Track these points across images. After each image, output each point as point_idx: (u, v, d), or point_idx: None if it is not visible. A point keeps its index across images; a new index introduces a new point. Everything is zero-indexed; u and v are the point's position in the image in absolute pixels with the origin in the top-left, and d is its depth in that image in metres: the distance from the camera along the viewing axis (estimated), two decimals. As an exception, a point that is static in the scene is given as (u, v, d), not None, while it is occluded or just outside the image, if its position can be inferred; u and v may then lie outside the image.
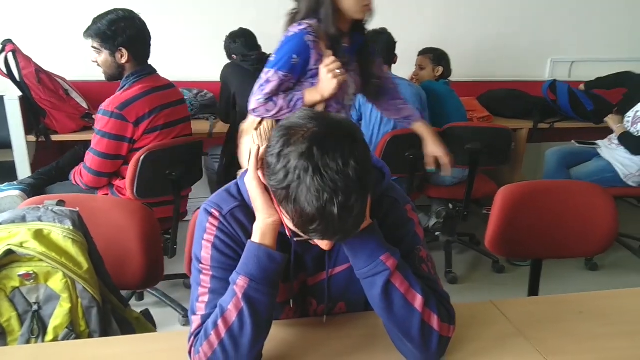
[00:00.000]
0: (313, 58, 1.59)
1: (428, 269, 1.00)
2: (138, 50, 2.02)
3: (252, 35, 2.87)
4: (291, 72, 1.59)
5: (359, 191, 0.79)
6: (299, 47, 1.58)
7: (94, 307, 1.11)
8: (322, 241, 0.87)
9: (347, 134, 0.81)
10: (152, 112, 2.02)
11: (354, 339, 1.04)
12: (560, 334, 1.08)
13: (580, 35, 3.75)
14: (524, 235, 1.61)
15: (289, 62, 1.58)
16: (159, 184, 2.11)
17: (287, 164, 0.79)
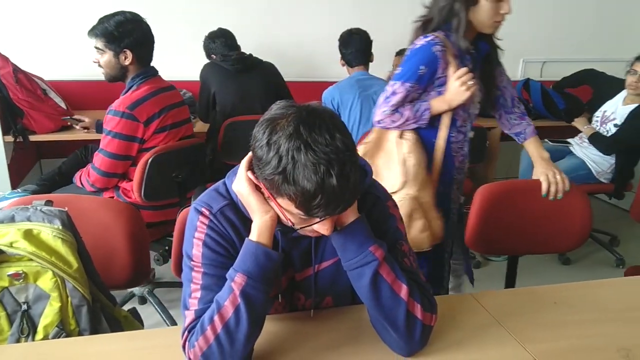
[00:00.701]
0: (441, 67, 1.59)
1: (410, 262, 1.04)
2: (142, 52, 2.03)
3: (232, 36, 2.89)
4: (418, 83, 1.59)
5: (351, 159, 0.83)
6: (426, 58, 1.58)
7: (84, 306, 1.13)
8: (323, 225, 0.90)
9: (324, 112, 0.86)
10: (162, 112, 2.04)
11: (340, 331, 1.08)
12: (536, 323, 1.13)
13: (551, 36, 3.87)
14: (501, 232, 1.66)
15: (416, 73, 1.58)
16: (165, 186, 2.12)
17: (278, 149, 0.82)
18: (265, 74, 2.76)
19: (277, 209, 0.91)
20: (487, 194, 1.64)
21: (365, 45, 2.73)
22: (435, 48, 1.56)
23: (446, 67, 1.58)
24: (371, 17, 3.41)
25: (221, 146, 2.54)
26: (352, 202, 0.89)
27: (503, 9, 1.58)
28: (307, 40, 3.44)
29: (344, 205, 0.86)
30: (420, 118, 1.59)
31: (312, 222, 0.90)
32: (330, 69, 3.30)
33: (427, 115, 1.59)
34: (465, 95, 1.55)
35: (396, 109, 1.60)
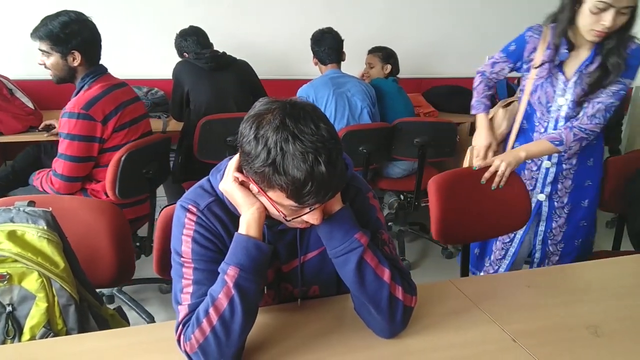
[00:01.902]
0: (526, 51, 1.79)
1: (390, 249, 1.09)
2: (91, 52, 1.99)
3: (204, 34, 2.87)
4: (507, 56, 1.87)
5: (336, 147, 0.88)
6: (518, 38, 1.83)
7: (72, 305, 1.12)
8: (313, 215, 0.93)
9: (307, 104, 0.90)
10: (118, 109, 2.01)
11: (327, 320, 1.12)
12: (512, 305, 1.20)
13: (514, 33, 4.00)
14: (460, 221, 1.67)
15: (507, 47, 1.87)
16: (137, 182, 2.10)
17: (266, 142, 0.85)
18: (239, 72, 2.76)
19: (267, 203, 0.94)
20: (440, 185, 1.63)
21: (337, 43, 2.78)
22: (528, 33, 1.80)
23: (533, 51, 1.77)
24: (341, 17, 3.46)
25: (197, 145, 2.53)
26: (339, 188, 0.93)
27: (604, 20, 1.55)
28: (278, 38, 3.46)
29: (333, 192, 0.90)
30: (474, 107, 1.97)
31: (303, 212, 0.93)
32: (303, 67, 3.32)
33: (474, 112, 1.97)
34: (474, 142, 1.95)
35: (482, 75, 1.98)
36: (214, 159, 2.55)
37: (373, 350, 1.03)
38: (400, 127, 2.75)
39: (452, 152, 2.92)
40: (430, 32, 3.81)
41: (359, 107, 2.69)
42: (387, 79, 3.05)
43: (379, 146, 2.70)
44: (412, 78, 3.71)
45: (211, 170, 1.11)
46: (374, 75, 3.10)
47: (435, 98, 3.54)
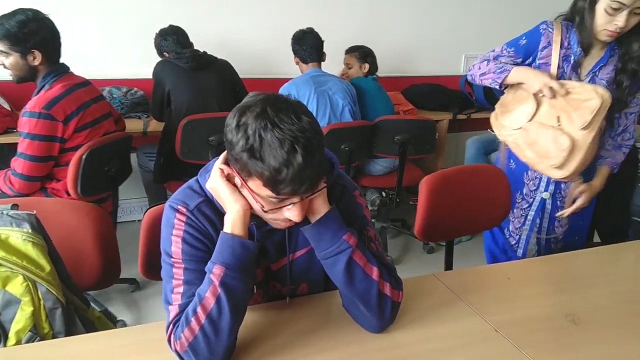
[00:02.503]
0: (541, 44, 1.70)
1: (376, 246, 1.11)
2: (51, 51, 1.97)
3: (184, 33, 2.85)
4: (515, 51, 1.74)
5: (316, 137, 0.88)
6: (531, 32, 1.73)
7: (58, 308, 1.11)
8: (293, 211, 0.93)
9: (292, 99, 0.92)
10: (80, 109, 1.99)
11: (315, 317, 1.13)
12: (493, 297, 1.24)
13: (490, 32, 4.08)
14: (445, 218, 1.71)
15: (517, 41, 1.75)
16: (99, 180, 2.10)
17: (246, 129, 0.87)
18: (221, 72, 2.75)
19: (249, 195, 0.95)
20: (432, 184, 1.67)
21: (318, 43, 2.79)
22: (542, 26, 1.71)
23: (547, 48, 1.69)
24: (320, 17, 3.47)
25: (179, 145, 2.51)
26: (316, 181, 0.92)
27: (617, 20, 1.55)
28: (258, 38, 3.45)
29: (309, 183, 0.89)
30: (497, 75, 1.72)
31: (283, 205, 0.93)
32: (284, 67, 3.33)
33: (504, 75, 1.70)
34: (538, 85, 1.64)
35: (486, 60, 1.78)
36: (196, 159, 2.55)
37: (362, 344, 1.05)
38: (381, 125, 2.78)
39: (432, 148, 2.96)
40: (408, 32, 3.85)
41: (341, 106, 2.71)
42: (366, 77, 3.08)
43: (360, 144, 2.72)
44: (391, 77, 3.75)
45: (199, 170, 1.11)
46: (352, 75, 3.12)
47: (414, 96, 3.59)
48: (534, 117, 1.70)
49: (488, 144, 3.26)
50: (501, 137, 1.84)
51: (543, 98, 1.67)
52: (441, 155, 3.49)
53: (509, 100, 1.81)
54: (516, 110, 1.75)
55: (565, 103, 1.63)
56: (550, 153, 1.64)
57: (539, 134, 1.68)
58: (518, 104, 1.75)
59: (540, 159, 1.69)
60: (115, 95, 3.00)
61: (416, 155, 2.96)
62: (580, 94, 1.61)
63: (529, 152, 1.71)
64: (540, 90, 1.64)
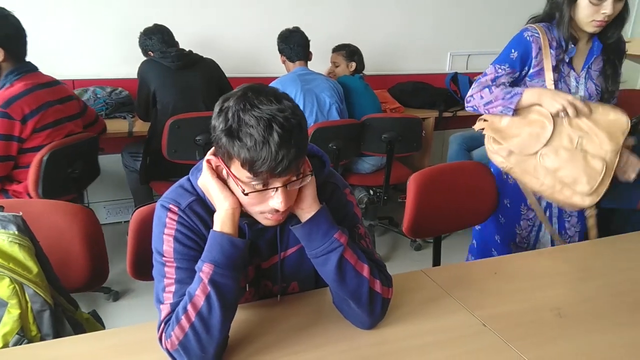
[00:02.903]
0: (533, 51, 1.62)
1: (366, 243, 1.12)
2: (15, 48, 1.95)
3: (169, 32, 2.84)
4: (510, 66, 1.64)
5: (295, 118, 0.88)
6: (517, 42, 1.64)
7: (46, 310, 1.10)
8: (277, 199, 0.92)
9: (275, 88, 0.93)
10: (40, 109, 1.97)
11: (306, 314, 1.14)
12: (480, 292, 1.26)
13: (475, 30, 4.13)
14: (433, 215, 1.74)
15: (507, 56, 1.65)
16: (62, 182, 2.08)
17: (227, 112, 0.88)
18: (207, 71, 2.74)
19: (233, 184, 0.95)
20: (420, 181, 1.69)
21: (305, 41, 2.80)
22: (526, 33, 1.63)
23: (539, 53, 1.62)
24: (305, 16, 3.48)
25: (166, 145, 2.50)
26: (294, 163, 0.89)
27: (604, 8, 1.53)
28: (244, 37, 3.45)
29: (287, 162, 0.87)
30: (508, 101, 1.59)
31: (265, 189, 0.92)
32: (269, 66, 3.33)
33: (516, 100, 1.58)
34: (559, 104, 1.53)
35: (487, 86, 1.63)
36: (184, 159, 2.54)
37: (352, 340, 1.06)
38: (368, 123, 2.79)
39: (418, 146, 2.99)
40: (393, 30, 3.88)
41: (328, 104, 2.72)
42: (353, 76, 3.09)
43: (348, 142, 2.74)
44: (378, 75, 3.77)
45: (186, 170, 1.11)
46: (339, 73, 3.13)
47: (401, 94, 3.62)
48: (550, 140, 1.57)
49: (470, 141, 3.31)
50: (503, 165, 1.68)
51: (559, 119, 1.55)
52: (428, 153, 3.53)
53: (507, 124, 1.66)
54: (526, 135, 1.60)
55: (590, 123, 1.53)
56: (581, 179, 1.53)
57: (564, 159, 1.55)
58: (524, 127, 1.60)
59: (563, 186, 1.56)
60: (100, 96, 2.98)
61: (403, 153, 2.99)
62: (605, 113, 1.54)
63: (549, 179, 1.58)
64: (563, 110, 1.53)
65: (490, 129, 1.69)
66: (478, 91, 1.65)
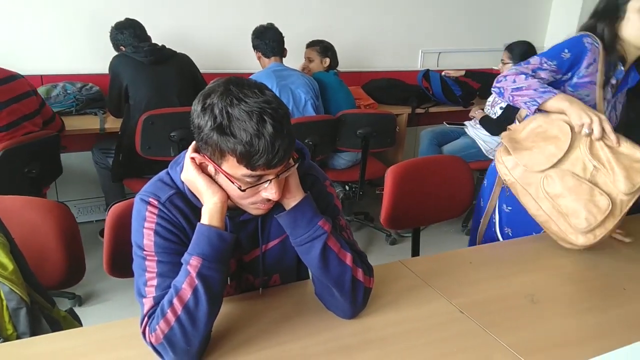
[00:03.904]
0: (586, 60, 1.46)
1: (347, 235, 1.14)
2: None
3: (141, 26, 2.79)
4: (557, 64, 1.46)
5: (282, 108, 0.90)
6: (574, 44, 1.47)
7: (23, 308, 1.08)
8: (271, 189, 0.94)
9: (253, 80, 0.94)
10: None
11: (288, 306, 1.15)
12: (457, 280, 1.30)
13: (446, 28, 4.20)
14: (409, 207, 1.78)
15: (558, 53, 1.47)
16: (17, 182, 2.00)
17: (212, 109, 0.88)
18: (180, 66, 2.71)
19: (224, 180, 0.95)
20: (397, 173, 1.73)
21: (279, 37, 2.80)
22: (586, 40, 1.47)
23: (592, 64, 1.46)
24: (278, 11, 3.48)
25: (139, 141, 2.46)
26: (289, 152, 0.91)
27: None
28: (216, 33, 3.42)
29: (283, 153, 0.89)
30: (538, 94, 1.41)
31: (259, 183, 0.94)
32: (243, 62, 3.32)
33: (547, 97, 1.40)
34: (588, 118, 1.35)
35: (524, 73, 1.45)
36: (158, 155, 2.50)
37: (334, 330, 1.08)
38: (343, 119, 2.82)
39: (392, 141, 3.03)
40: (365, 28, 3.91)
41: (303, 100, 2.73)
42: (328, 72, 3.11)
43: (323, 138, 2.75)
44: (352, 72, 3.80)
45: (162, 166, 1.10)
46: (314, 69, 3.14)
47: (374, 91, 3.66)
48: (561, 162, 1.39)
49: (441, 136, 3.39)
50: (507, 178, 1.51)
51: (578, 142, 1.38)
52: (401, 148, 3.58)
53: (525, 135, 1.51)
54: (538, 150, 1.43)
55: (611, 156, 1.34)
56: (579, 212, 1.34)
57: (568, 186, 1.37)
58: (540, 142, 1.44)
59: (560, 216, 1.39)
60: (70, 91, 2.91)
61: (378, 148, 3.02)
62: (631, 149, 1.34)
63: (547, 205, 1.41)
64: (589, 126, 1.34)
65: (508, 138, 1.54)
66: (513, 74, 1.48)
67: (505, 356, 1.02)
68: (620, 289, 1.29)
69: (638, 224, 1.62)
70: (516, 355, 1.02)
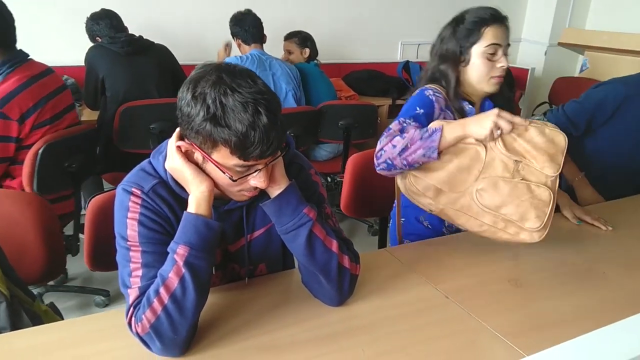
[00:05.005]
0: (437, 111, 1.42)
1: (333, 222, 1.14)
2: (4, 37, 1.81)
3: (117, 16, 2.73)
4: (415, 120, 1.37)
5: (274, 98, 0.90)
6: (421, 100, 1.42)
7: (2, 303, 1.05)
8: (260, 178, 0.94)
9: (242, 66, 0.92)
10: (37, 105, 1.85)
11: (275, 295, 1.15)
12: (442, 267, 1.31)
13: (425, 20, 4.23)
14: (372, 196, 1.81)
15: (412, 111, 1.40)
16: (58, 177, 1.97)
17: (204, 98, 0.86)
18: (158, 56, 2.66)
19: (213, 169, 0.94)
20: (358, 162, 1.76)
21: (258, 23, 2.77)
22: (427, 92, 1.44)
23: (442, 113, 1.43)
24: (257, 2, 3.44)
25: (117, 134, 2.42)
26: (281, 142, 0.93)
27: (500, 62, 1.43)
28: (194, 23, 3.37)
29: (276, 144, 0.90)
30: (428, 140, 1.24)
31: (250, 172, 0.94)
32: (222, 52, 3.27)
33: (438, 136, 1.24)
34: (489, 124, 1.23)
35: (395, 136, 1.29)
36: (137, 147, 2.46)
37: (322, 317, 1.08)
38: (325, 111, 2.81)
39: (374, 132, 3.04)
40: (344, 19, 3.90)
41: (284, 90, 2.72)
42: (309, 63, 3.09)
43: (305, 129, 2.75)
44: (332, 63, 3.79)
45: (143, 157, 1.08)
46: (294, 61, 3.12)
47: (355, 82, 3.66)
48: (483, 172, 1.28)
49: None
50: (432, 208, 1.36)
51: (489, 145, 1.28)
52: (382, 140, 3.59)
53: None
54: (454, 168, 1.28)
55: (526, 145, 1.27)
56: (529, 214, 1.27)
57: (505, 193, 1.27)
58: (452, 159, 1.28)
59: (507, 224, 1.29)
60: (44, 83, 2.82)
61: (360, 139, 3.03)
62: (539, 130, 1.27)
63: (489, 218, 1.30)
64: (497, 127, 1.24)
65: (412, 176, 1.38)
66: (387, 142, 1.29)
67: (490, 339, 1.04)
68: (601, 272, 1.32)
69: (617, 212, 1.66)
70: (501, 338, 1.04)
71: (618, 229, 1.56)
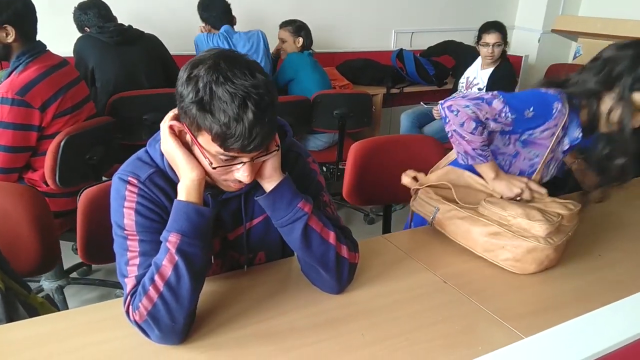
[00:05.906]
0: (545, 126, 1.34)
1: (332, 210, 1.14)
2: (26, 26, 1.79)
3: (106, 6, 2.69)
4: (514, 118, 1.32)
5: (269, 96, 0.87)
6: (541, 105, 1.33)
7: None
8: (244, 172, 0.92)
9: (248, 58, 0.90)
10: (58, 94, 1.83)
11: (274, 282, 1.15)
12: (440, 253, 1.32)
13: (418, 8, 4.20)
14: (374, 184, 1.81)
15: (522, 109, 1.32)
16: (80, 169, 1.96)
17: (197, 81, 0.85)
18: (148, 46, 2.62)
19: (198, 152, 0.93)
20: (360, 150, 1.77)
21: (226, 5, 2.76)
22: (556, 105, 1.33)
23: (551, 129, 1.35)
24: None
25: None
26: (266, 140, 0.89)
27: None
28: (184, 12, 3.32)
29: (259, 141, 0.87)
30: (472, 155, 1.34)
31: (232, 163, 0.92)
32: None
33: (479, 162, 1.35)
34: (514, 193, 1.34)
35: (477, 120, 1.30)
36: (128, 140, 2.44)
37: (320, 304, 1.08)
38: (319, 100, 2.80)
39: (369, 121, 3.03)
40: (338, 8, 3.87)
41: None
42: (302, 52, 3.06)
43: (300, 119, 2.73)
44: (325, 52, 3.77)
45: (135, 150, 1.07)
46: (287, 50, 3.10)
47: (349, 71, 3.64)
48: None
49: (422, 117, 3.39)
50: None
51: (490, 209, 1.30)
52: (377, 129, 3.58)
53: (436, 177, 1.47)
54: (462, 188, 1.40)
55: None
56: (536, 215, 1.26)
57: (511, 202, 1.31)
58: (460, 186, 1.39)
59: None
60: (33, 75, 2.78)
61: (355, 128, 3.02)
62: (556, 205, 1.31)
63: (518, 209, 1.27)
64: (522, 193, 1.34)
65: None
66: (466, 116, 1.30)
67: (489, 322, 1.04)
68: (596, 255, 1.33)
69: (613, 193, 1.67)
70: (500, 321, 1.04)
71: (613, 211, 1.57)
